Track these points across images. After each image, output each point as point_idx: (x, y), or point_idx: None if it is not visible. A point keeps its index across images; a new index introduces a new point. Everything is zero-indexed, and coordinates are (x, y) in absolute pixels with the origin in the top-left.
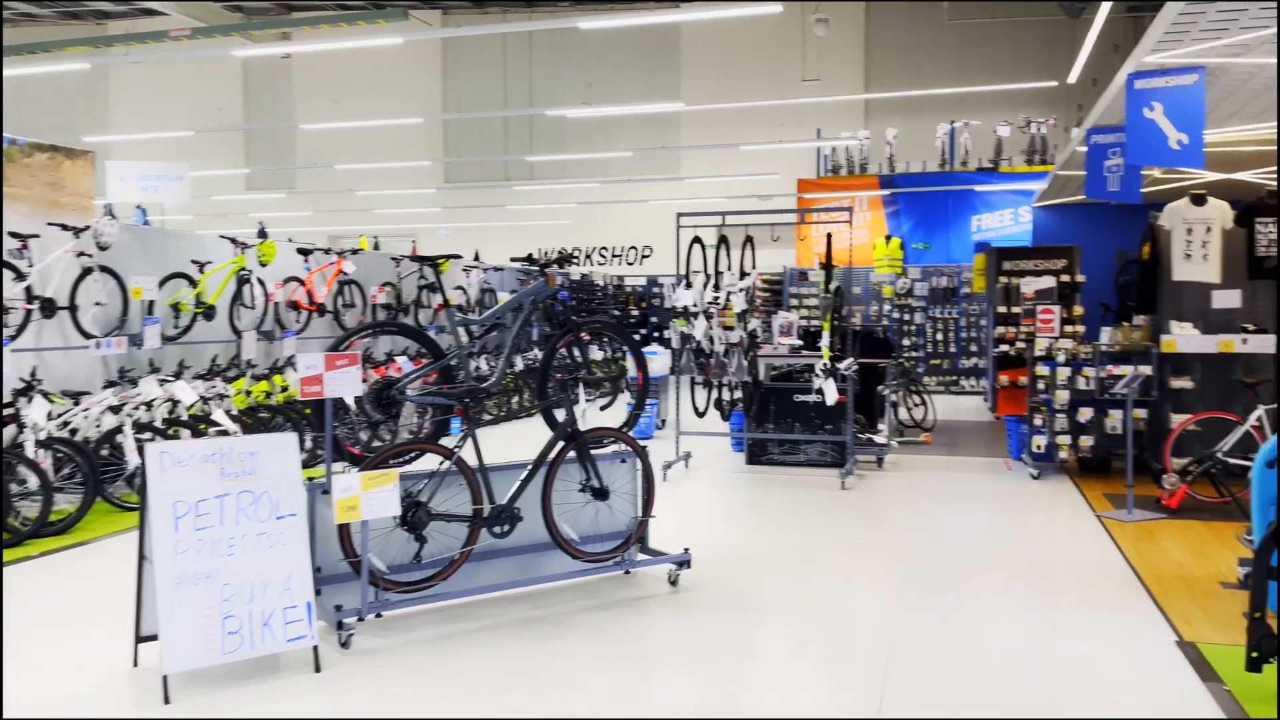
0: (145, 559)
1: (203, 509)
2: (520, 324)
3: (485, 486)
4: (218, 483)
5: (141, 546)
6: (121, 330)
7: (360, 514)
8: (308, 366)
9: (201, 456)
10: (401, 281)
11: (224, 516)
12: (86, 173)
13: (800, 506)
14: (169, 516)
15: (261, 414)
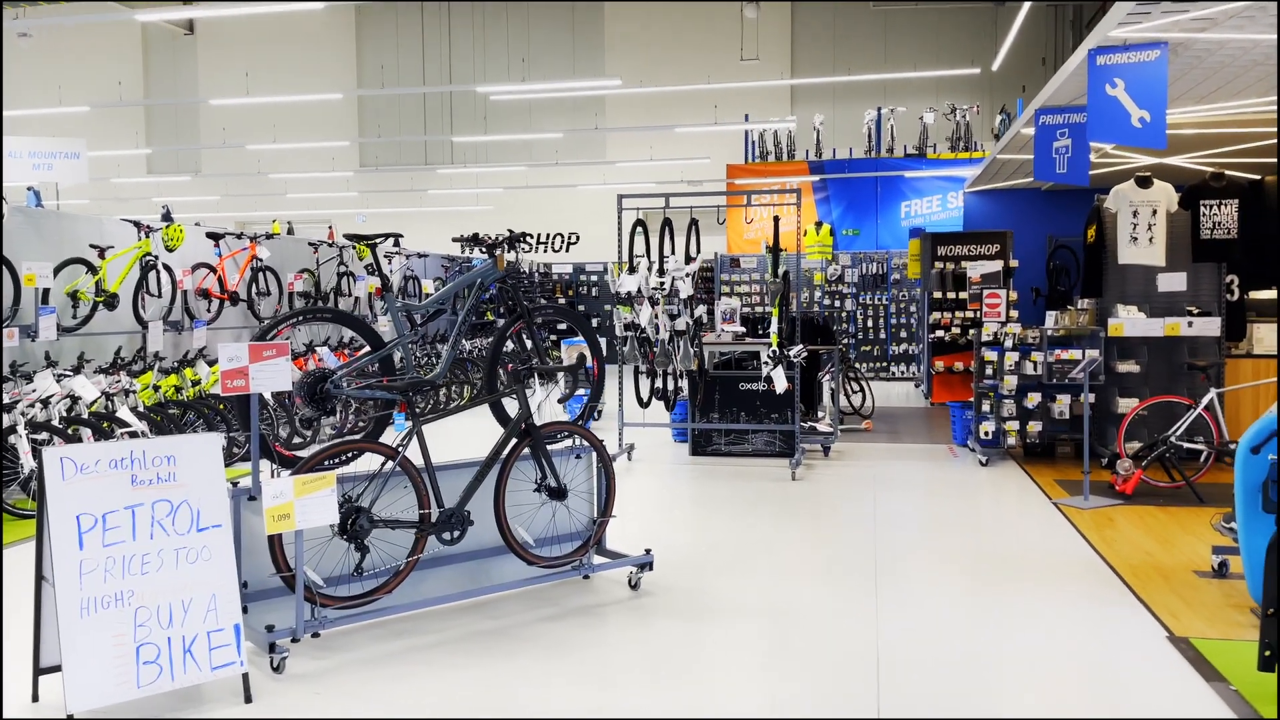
0: (44, 580)
1: (111, 522)
2: (468, 310)
3: (433, 489)
4: (129, 491)
5: (39, 565)
6: (12, 321)
7: (294, 523)
8: (230, 359)
9: (109, 462)
10: (320, 268)
11: (136, 530)
12: None
13: (753, 499)
14: (72, 532)
15: (171, 410)
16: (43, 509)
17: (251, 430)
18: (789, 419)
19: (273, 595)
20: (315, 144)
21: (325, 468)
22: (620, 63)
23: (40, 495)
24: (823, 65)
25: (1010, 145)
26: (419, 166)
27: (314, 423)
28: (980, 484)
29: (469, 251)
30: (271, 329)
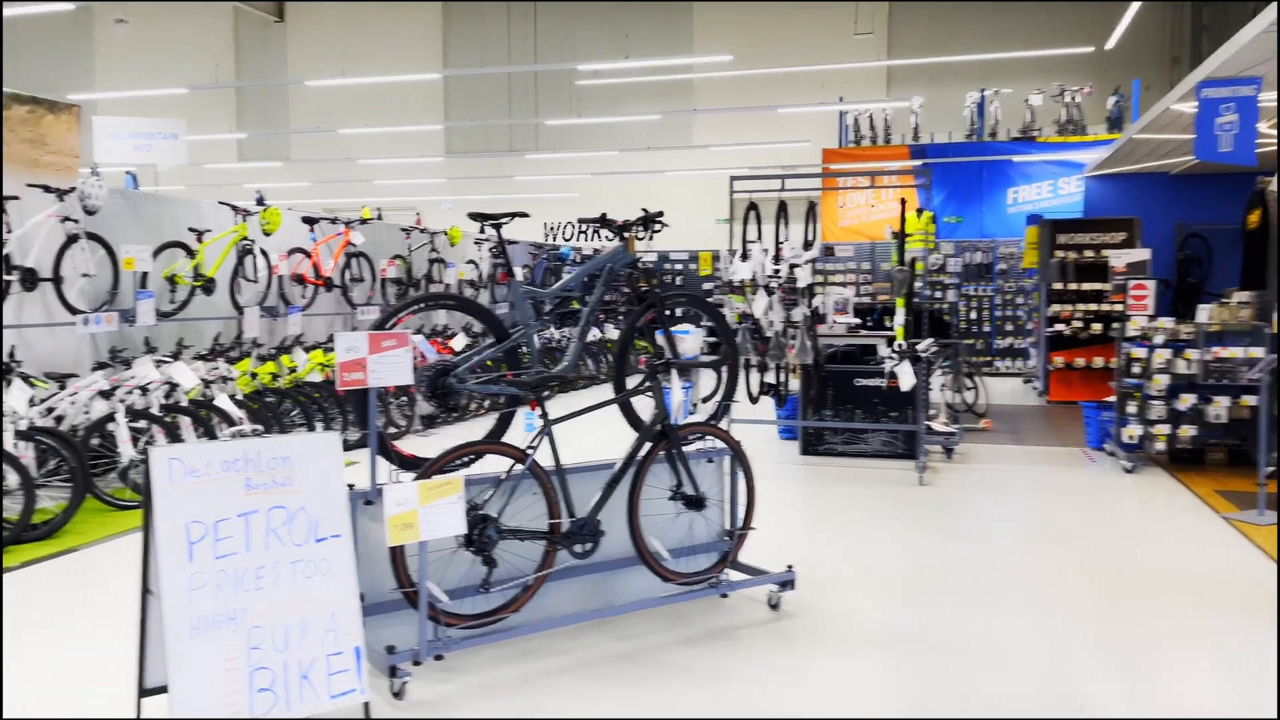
0: (150, 593)
1: (224, 531)
2: (598, 297)
3: (564, 496)
4: (242, 497)
5: (145, 577)
6: (112, 305)
7: (418, 533)
8: (349, 349)
9: (221, 463)
10: (412, 254)
11: (250, 540)
12: (71, 129)
13: (881, 507)
14: (181, 542)
15: (268, 398)
16: (149, 515)
17: (369, 428)
18: (911, 418)
19: (389, 609)
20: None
21: (449, 470)
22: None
23: (146, 500)
24: (921, 46)
25: (1154, 124)
26: (503, 153)
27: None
28: (1132, 494)
29: (588, 235)
30: (392, 316)
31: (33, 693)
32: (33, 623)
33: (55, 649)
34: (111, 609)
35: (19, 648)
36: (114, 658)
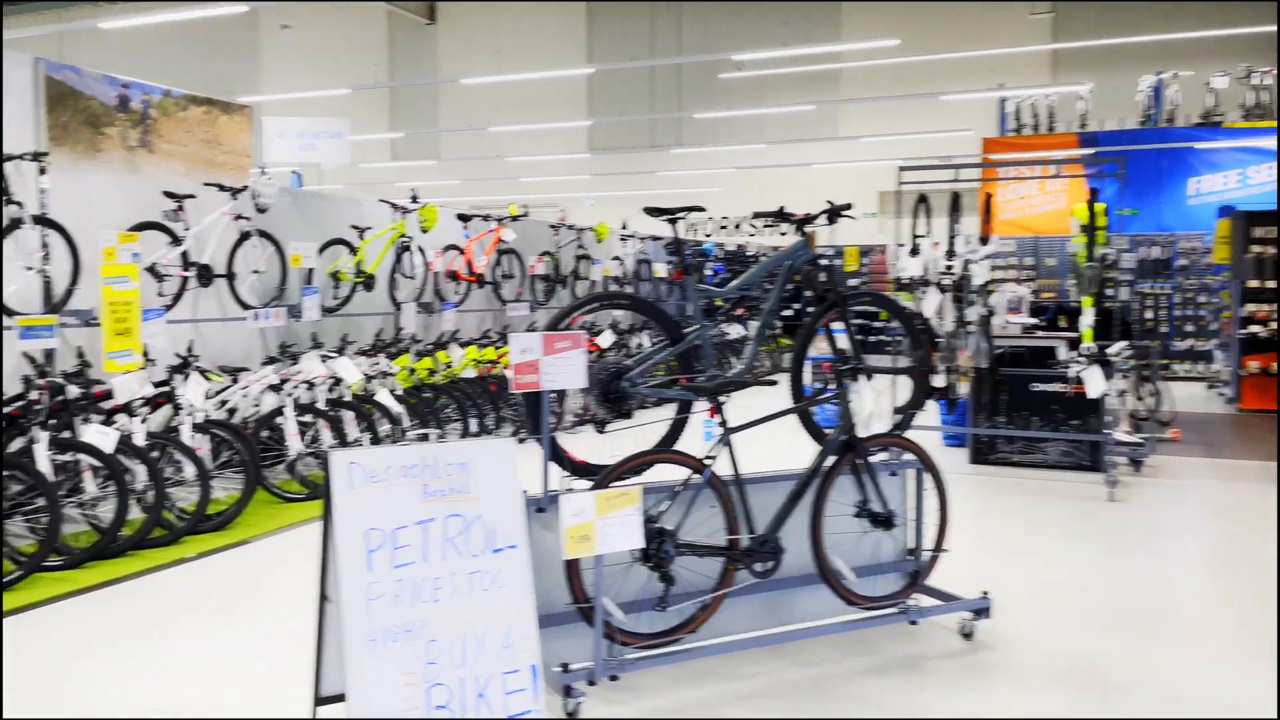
0: (327, 599)
1: (402, 539)
2: (777, 295)
3: (744, 510)
4: (420, 504)
5: (323, 583)
6: (280, 301)
7: (594, 546)
8: (523, 350)
9: (400, 468)
10: (559, 251)
11: (428, 550)
12: (244, 129)
13: (1068, 524)
14: (360, 549)
15: (425, 394)
16: (328, 520)
17: (542, 431)
18: (1095, 427)
19: (559, 622)
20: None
21: (626, 480)
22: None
23: (326, 504)
24: (1088, 27)
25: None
26: (645, 149)
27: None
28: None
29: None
30: (566, 316)
31: (206, 690)
32: (206, 622)
33: (230, 649)
34: (283, 611)
35: (194, 648)
36: (286, 658)
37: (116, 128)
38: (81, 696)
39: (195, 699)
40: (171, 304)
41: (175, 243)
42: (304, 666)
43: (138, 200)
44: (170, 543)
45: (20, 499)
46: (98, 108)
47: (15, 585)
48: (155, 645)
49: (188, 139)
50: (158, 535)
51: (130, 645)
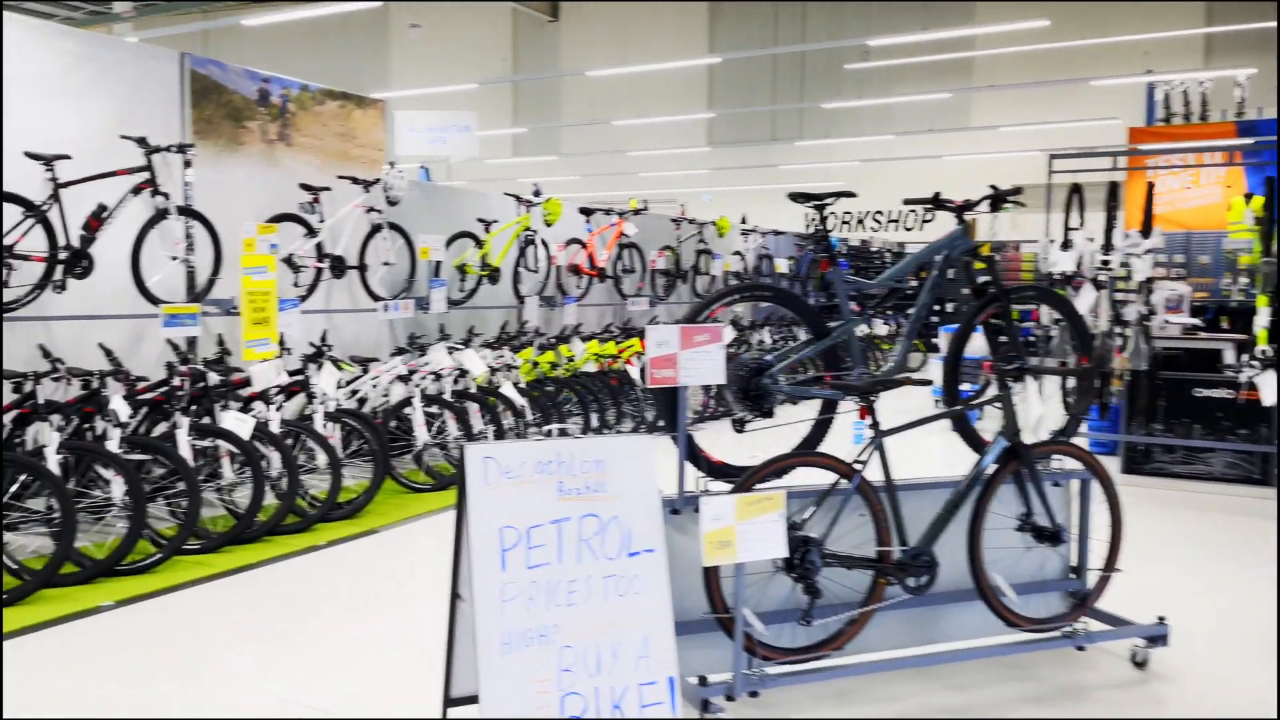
0: (459, 597)
1: (536, 539)
2: (930, 289)
3: (896, 519)
4: (555, 502)
5: (455, 580)
6: (409, 293)
7: (736, 553)
8: (659, 343)
9: (535, 464)
10: (680, 245)
11: (563, 550)
12: (377, 123)
13: (1242, 543)
14: (494, 548)
15: (547, 387)
16: (462, 516)
17: (679, 429)
18: (1267, 437)
19: (690, 631)
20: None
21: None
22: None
23: (460, 498)
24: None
25: None
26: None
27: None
28: None
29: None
30: (704, 308)
31: (338, 682)
32: (335, 615)
33: (358, 644)
34: (414, 597)
35: (326, 628)
36: (416, 653)
37: (257, 121)
38: (219, 682)
39: (327, 691)
40: (306, 294)
41: (310, 234)
42: (433, 663)
43: (275, 192)
44: (302, 530)
45: (162, 482)
46: (240, 102)
47: (156, 568)
48: (289, 633)
49: (323, 132)
50: (290, 522)
51: (265, 633)
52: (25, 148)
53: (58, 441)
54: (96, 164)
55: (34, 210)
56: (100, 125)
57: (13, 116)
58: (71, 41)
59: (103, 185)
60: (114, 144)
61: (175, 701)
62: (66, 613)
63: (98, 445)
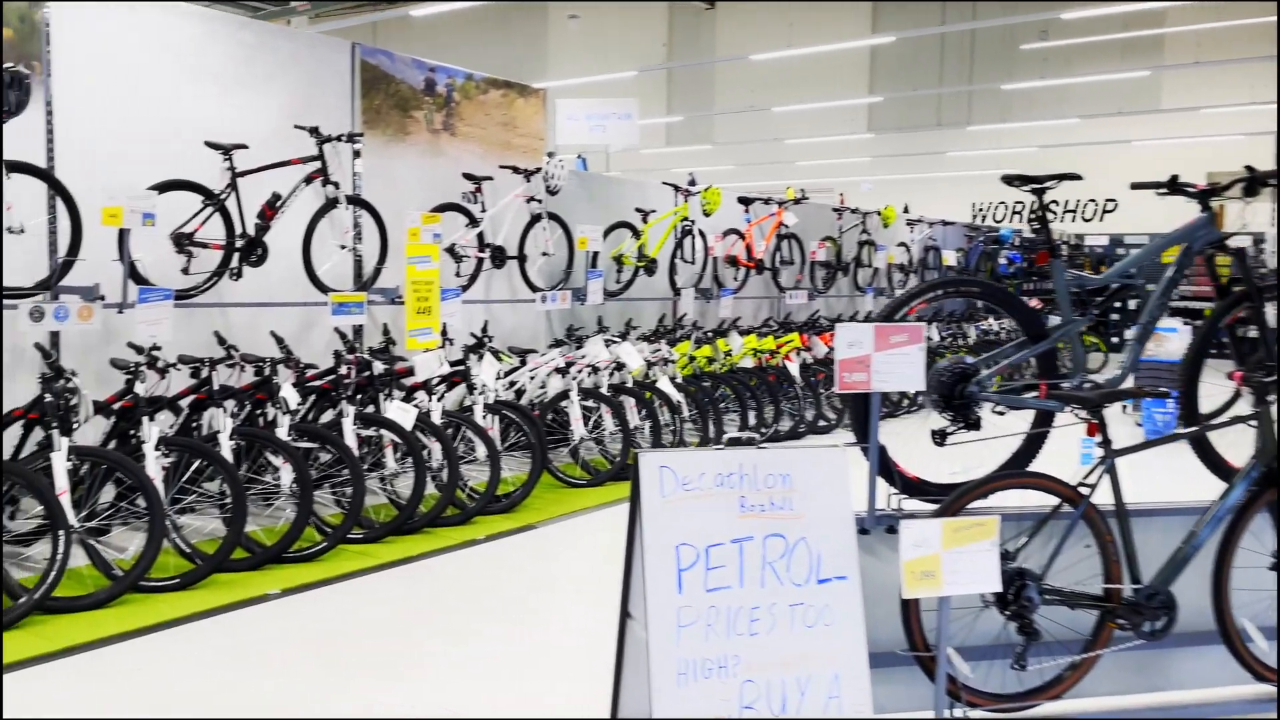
0: (630, 617)
1: (716, 559)
2: (1168, 285)
3: (1128, 552)
4: (736, 520)
5: (625, 599)
6: (566, 284)
7: (941, 585)
8: (851, 343)
9: (715, 476)
10: (842, 236)
11: (744, 574)
12: (538, 112)
13: None
14: (670, 567)
15: (704, 383)
16: (634, 529)
17: (870, 441)
18: None
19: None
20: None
21: (972, 504)
22: None
23: (632, 511)
24: None
25: None
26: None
27: (945, 435)
28: None
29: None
30: (903, 305)
31: (501, 688)
32: (501, 603)
33: (521, 641)
34: (575, 601)
35: (487, 628)
36: (580, 666)
37: (423, 110)
38: (381, 680)
39: (490, 695)
40: (467, 284)
41: (472, 224)
42: (596, 675)
43: (439, 182)
44: (462, 522)
45: (328, 470)
46: (407, 91)
47: (322, 556)
48: (452, 632)
49: (486, 121)
50: (450, 514)
51: (427, 631)
52: (205, 137)
53: (231, 428)
54: (270, 153)
55: (213, 199)
56: (275, 115)
57: (193, 106)
58: (249, 33)
59: (276, 174)
60: (287, 134)
61: (338, 698)
62: (236, 599)
63: (269, 432)
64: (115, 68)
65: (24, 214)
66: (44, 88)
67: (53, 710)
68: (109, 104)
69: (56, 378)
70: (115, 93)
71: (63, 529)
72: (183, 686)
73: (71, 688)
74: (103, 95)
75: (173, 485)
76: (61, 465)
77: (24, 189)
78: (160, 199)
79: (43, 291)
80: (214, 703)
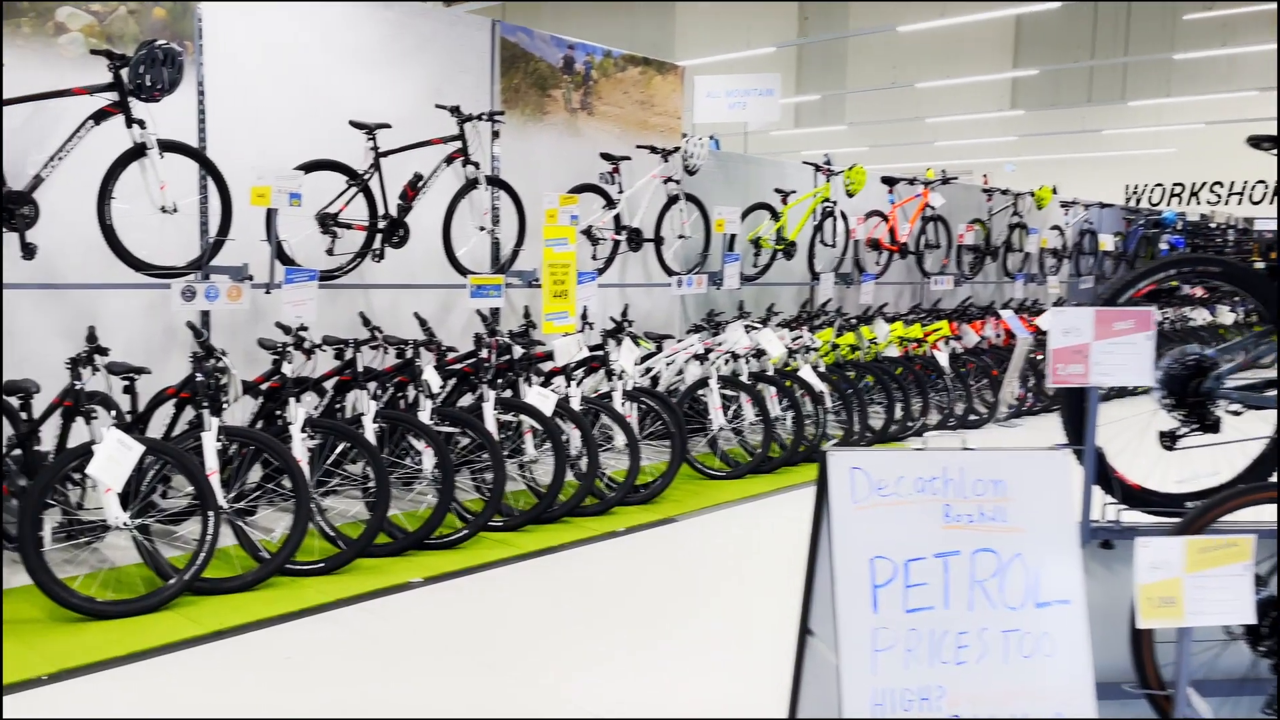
0: (810, 633)
1: (916, 575)
2: None
3: None
4: (940, 531)
5: (805, 613)
6: (702, 267)
7: (1182, 615)
8: (1066, 331)
9: (914, 481)
10: (992, 218)
11: (949, 593)
12: (676, 90)
13: None
14: (863, 583)
15: (848, 372)
16: (818, 537)
17: (1087, 443)
18: None
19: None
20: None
21: (1210, 518)
22: None
23: (817, 516)
24: None
25: None
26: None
27: (1174, 440)
28: None
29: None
30: (1128, 286)
31: (650, 699)
32: (643, 603)
33: (667, 646)
34: (723, 606)
35: (630, 630)
36: (738, 682)
37: (561, 89)
38: (522, 675)
39: (640, 702)
40: (603, 267)
41: (609, 206)
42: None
43: (576, 162)
44: (600, 512)
45: (466, 455)
46: (545, 69)
47: (463, 544)
48: (596, 630)
49: (624, 100)
50: (589, 504)
51: (571, 627)
52: (348, 116)
53: (375, 410)
54: (411, 133)
55: (356, 179)
56: (416, 94)
57: (337, 85)
58: (392, 12)
59: (417, 155)
60: (428, 113)
61: (480, 695)
62: (380, 586)
63: (412, 416)
64: (264, 46)
65: (177, 193)
66: (195, 67)
67: (207, 697)
68: (258, 83)
69: (208, 357)
70: (264, 71)
71: (212, 510)
72: (332, 676)
73: (223, 673)
74: (252, 74)
75: (318, 468)
76: (212, 446)
77: (177, 168)
78: (305, 179)
79: (194, 271)
80: (368, 695)
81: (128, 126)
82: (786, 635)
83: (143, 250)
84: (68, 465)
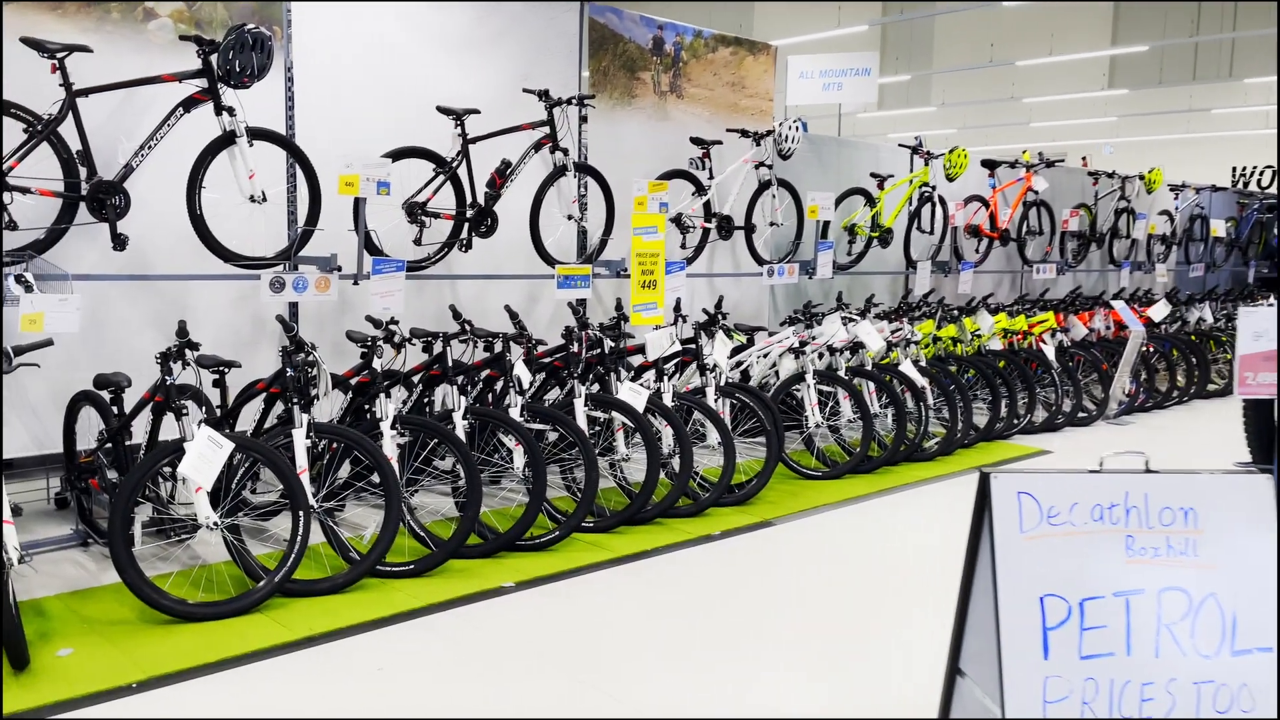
0: (961, 674)
1: (1094, 616)
2: None
3: None
4: (1121, 566)
5: (956, 652)
6: (794, 256)
7: None
8: (1258, 335)
9: (1093, 509)
10: (1098, 203)
11: (1131, 637)
12: (768, 70)
13: None
14: (1033, 623)
15: (950, 366)
16: (975, 568)
17: (1276, 465)
18: None
19: None
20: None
21: None
22: None
23: (973, 546)
24: None
25: None
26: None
27: None
28: None
29: None
30: None
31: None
32: (742, 615)
33: (768, 664)
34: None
35: (727, 648)
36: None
37: (650, 71)
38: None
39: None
40: (693, 256)
41: (699, 192)
42: None
43: (664, 147)
44: (694, 514)
45: (554, 453)
46: (634, 51)
47: (554, 546)
48: (697, 643)
49: (714, 82)
50: (682, 505)
51: (668, 639)
52: (435, 102)
53: (465, 406)
54: (499, 119)
55: (444, 167)
56: (503, 78)
57: (423, 70)
58: None
59: (504, 141)
60: (514, 98)
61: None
62: (472, 591)
63: (504, 413)
64: (350, 31)
65: (265, 182)
66: (284, 52)
67: (300, 708)
68: (346, 68)
69: (298, 351)
70: (351, 57)
71: (303, 509)
72: (426, 690)
73: (314, 685)
74: (340, 59)
75: (407, 465)
76: (302, 443)
77: (265, 157)
78: (392, 167)
79: (283, 261)
80: (464, 708)
81: (217, 114)
82: (906, 661)
83: (232, 241)
84: (160, 462)
